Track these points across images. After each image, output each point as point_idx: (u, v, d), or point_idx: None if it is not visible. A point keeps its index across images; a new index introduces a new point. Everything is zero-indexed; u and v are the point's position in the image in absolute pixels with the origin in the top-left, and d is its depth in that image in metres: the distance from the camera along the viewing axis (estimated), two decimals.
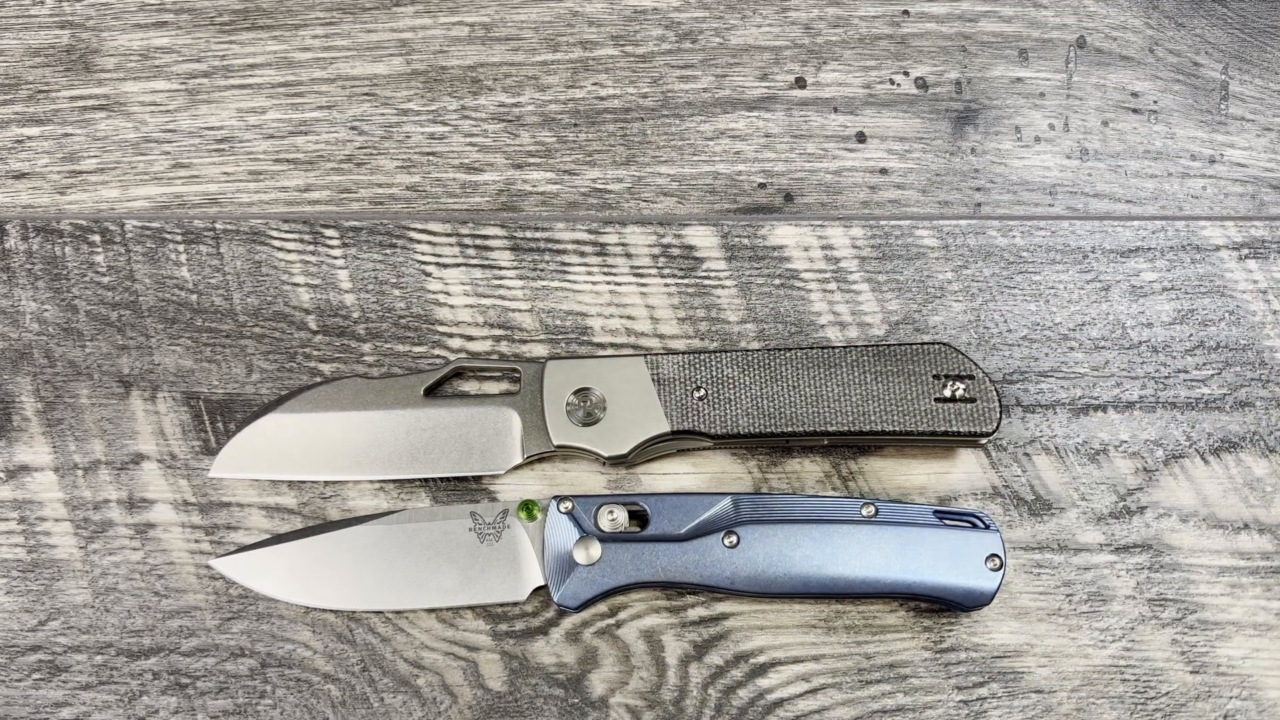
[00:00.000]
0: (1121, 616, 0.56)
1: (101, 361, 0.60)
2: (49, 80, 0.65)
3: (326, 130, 0.64)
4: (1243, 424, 0.59)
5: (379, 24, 0.66)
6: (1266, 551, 0.57)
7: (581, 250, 0.62)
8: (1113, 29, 0.66)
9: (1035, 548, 0.57)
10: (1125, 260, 0.62)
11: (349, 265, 0.62)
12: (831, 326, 0.61)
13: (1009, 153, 0.64)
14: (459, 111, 0.65)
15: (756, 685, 0.56)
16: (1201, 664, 0.56)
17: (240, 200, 0.63)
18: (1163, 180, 0.64)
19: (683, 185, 0.64)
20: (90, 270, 0.62)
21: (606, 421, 0.57)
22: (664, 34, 0.66)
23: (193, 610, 0.56)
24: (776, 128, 0.65)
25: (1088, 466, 0.59)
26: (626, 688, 0.55)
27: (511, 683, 0.56)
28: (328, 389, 0.59)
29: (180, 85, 0.65)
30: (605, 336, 0.61)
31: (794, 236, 0.62)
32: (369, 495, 0.58)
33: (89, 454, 0.59)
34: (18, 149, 0.64)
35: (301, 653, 0.56)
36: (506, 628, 0.56)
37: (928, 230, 0.62)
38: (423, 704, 0.55)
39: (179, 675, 0.56)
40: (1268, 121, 0.65)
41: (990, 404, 0.56)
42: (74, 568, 0.57)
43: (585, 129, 0.65)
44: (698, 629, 0.56)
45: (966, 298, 0.61)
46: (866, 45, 0.66)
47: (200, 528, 0.58)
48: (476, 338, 0.61)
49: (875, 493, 0.58)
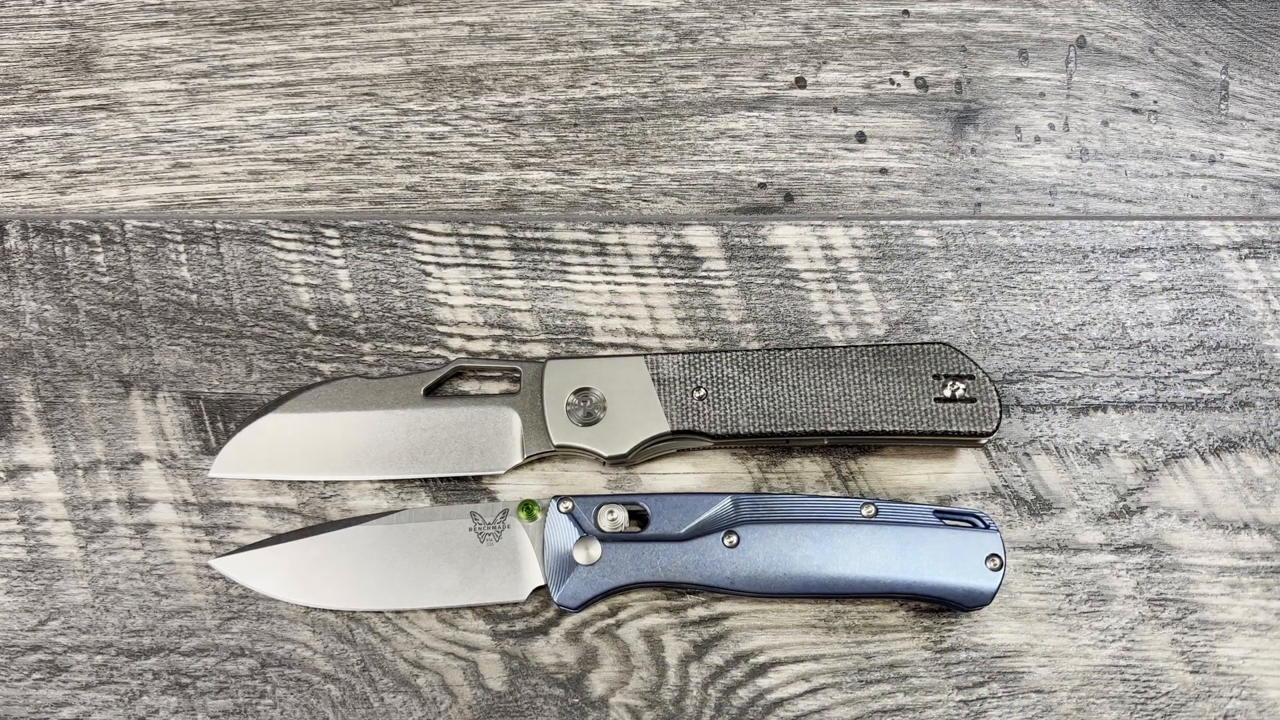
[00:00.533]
0: (1121, 616, 0.56)
1: (101, 361, 0.60)
2: (49, 80, 0.65)
3: (326, 130, 0.64)
4: (1243, 424, 0.59)
5: (379, 24, 0.66)
6: (1266, 551, 0.57)
7: (581, 250, 0.62)
8: (1113, 29, 0.66)
9: (1035, 548, 0.57)
10: (1125, 260, 0.62)
11: (349, 265, 0.62)
12: (831, 326, 0.61)
13: (1009, 153, 0.64)
14: (459, 111, 0.65)
15: (756, 685, 0.56)
16: (1201, 664, 0.56)
17: (240, 200, 0.63)
18: (1163, 180, 0.64)
19: (683, 185, 0.64)
20: (90, 270, 0.62)
21: (606, 421, 0.57)
22: (664, 34, 0.66)
23: (193, 610, 0.56)
24: (776, 128, 0.65)
25: (1088, 466, 0.59)
26: (626, 688, 0.55)
27: (511, 683, 0.56)
28: (328, 389, 0.59)
29: (180, 85, 0.65)
30: (605, 336, 0.61)
31: (794, 236, 0.62)
32: (369, 495, 0.58)
33: (89, 454, 0.59)
34: (18, 149, 0.64)
35: (301, 653, 0.56)
36: (506, 628, 0.56)
37: (928, 230, 0.62)
38: (423, 704, 0.55)
39: (179, 675, 0.56)
40: (1268, 121, 0.65)
41: (990, 404, 0.56)
42: (74, 568, 0.57)
43: (585, 129, 0.65)
44: (698, 629, 0.56)
45: (966, 298, 0.61)
46: (866, 45, 0.66)
47: (200, 528, 0.58)
48: (476, 338, 0.61)
49: (875, 493, 0.58)
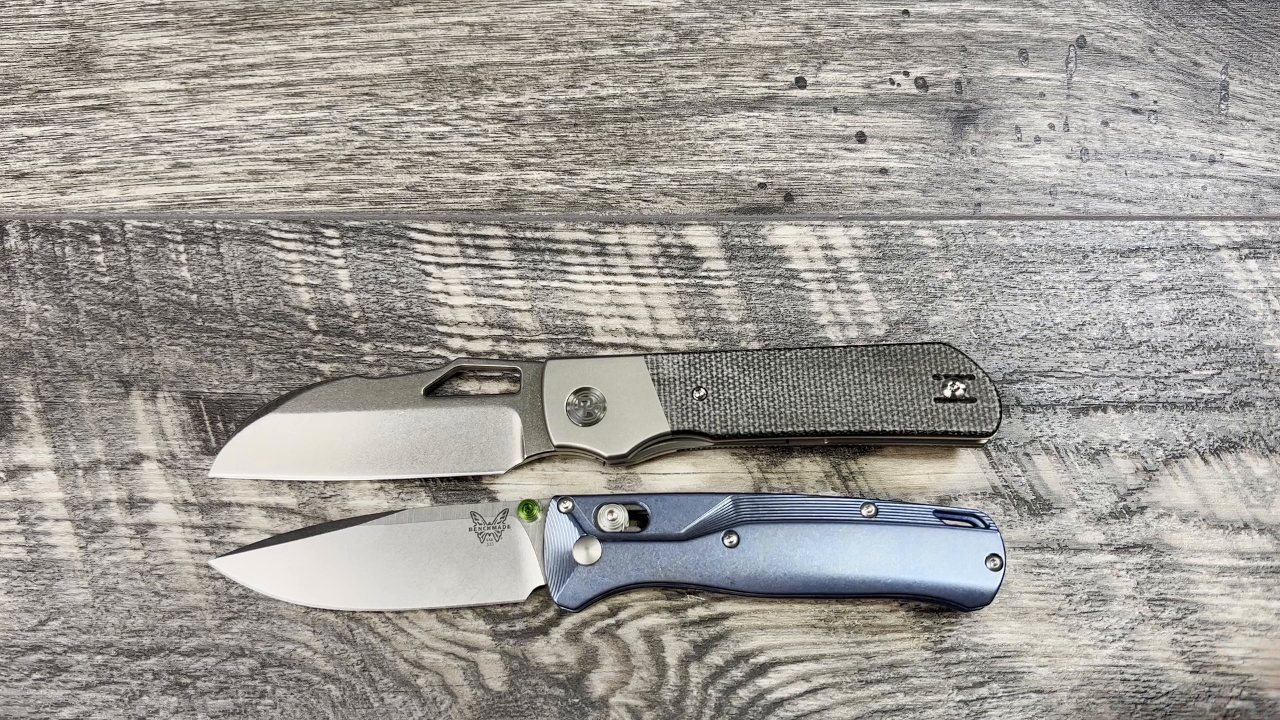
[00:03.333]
0: (1121, 616, 0.56)
1: (101, 361, 0.60)
2: (49, 80, 0.65)
3: (326, 130, 0.64)
4: (1243, 424, 0.59)
5: (379, 24, 0.66)
6: (1266, 551, 0.57)
7: (581, 250, 0.62)
8: (1113, 29, 0.66)
9: (1035, 548, 0.57)
10: (1125, 260, 0.62)
11: (349, 265, 0.62)
12: (831, 326, 0.61)
13: (1009, 153, 0.64)
14: (459, 111, 0.65)
15: (756, 685, 0.56)
16: (1201, 664, 0.56)
17: (240, 200, 0.63)
18: (1163, 180, 0.64)
19: (683, 185, 0.64)
20: (90, 270, 0.62)
21: (606, 421, 0.57)
22: (664, 34, 0.66)
23: (193, 610, 0.56)
24: (776, 128, 0.65)
25: (1088, 466, 0.59)
26: (626, 688, 0.55)
27: (511, 683, 0.56)
28: (328, 389, 0.59)
29: (180, 85, 0.65)
30: (605, 336, 0.61)
31: (794, 236, 0.62)
32: (369, 495, 0.58)
33: (89, 454, 0.59)
34: (18, 149, 0.64)
35: (301, 653, 0.56)
36: (506, 628, 0.56)
37: (928, 230, 0.62)
38: (423, 704, 0.55)
39: (179, 675, 0.56)
40: (1268, 121, 0.65)
41: (990, 404, 0.56)
42: (74, 568, 0.57)
43: (585, 129, 0.65)
44: (698, 629, 0.56)
45: (966, 298, 0.61)
46: (866, 45, 0.66)
47: (200, 528, 0.58)
48: (476, 338, 0.61)
49: (875, 493, 0.58)
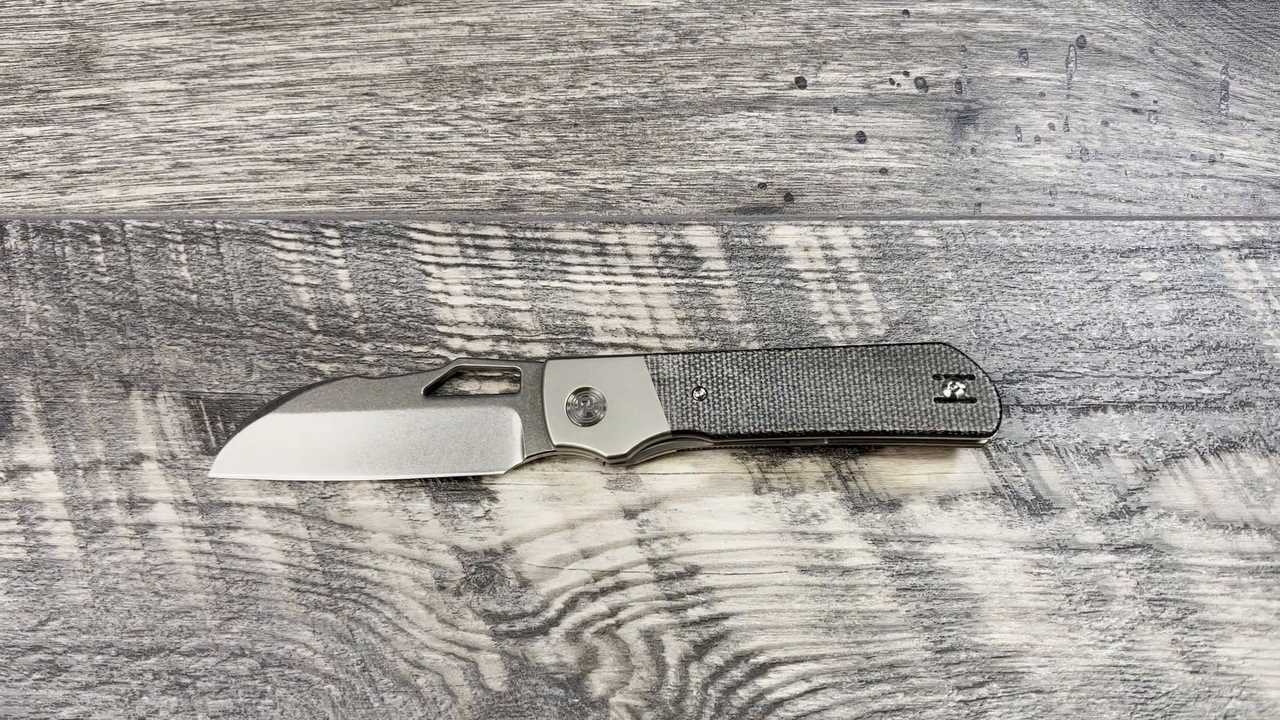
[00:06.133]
0: (1121, 616, 0.56)
1: (101, 361, 0.60)
2: (49, 80, 0.65)
3: (326, 130, 0.64)
4: (1243, 424, 0.59)
5: (379, 24, 0.66)
6: (1266, 551, 0.57)
7: (581, 250, 0.62)
8: (1113, 29, 0.66)
9: (1035, 548, 0.57)
10: (1125, 260, 0.62)
11: (349, 265, 0.62)
12: (831, 326, 0.61)
13: (1009, 153, 0.64)
14: (459, 111, 0.65)
15: (756, 685, 0.55)
16: (1201, 664, 0.56)
17: (240, 200, 0.63)
18: (1163, 180, 0.64)
19: (683, 185, 0.64)
20: (90, 270, 0.62)
21: (606, 421, 0.57)
22: (664, 34, 0.66)
23: (193, 610, 0.56)
24: (776, 128, 0.65)
25: (1088, 466, 0.59)
26: (626, 688, 0.55)
27: (511, 683, 0.56)
28: (328, 389, 0.59)
29: (180, 85, 0.65)
30: (605, 336, 0.61)
31: (794, 236, 0.62)
32: (369, 495, 0.58)
33: (89, 454, 0.59)
34: (18, 149, 0.64)
35: (301, 653, 0.56)
36: (506, 628, 0.56)
37: (928, 230, 0.62)
38: (423, 704, 0.55)
39: (179, 675, 0.56)
40: (1268, 121, 0.65)
41: (990, 404, 0.56)
42: (74, 568, 0.57)
43: (585, 129, 0.65)
44: (698, 629, 0.56)
45: (966, 298, 0.61)
46: (866, 45, 0.66)
47: (200, 528, 0.58)
48: (476, 338, 0.61)
49: (875, 493, 0.58)
